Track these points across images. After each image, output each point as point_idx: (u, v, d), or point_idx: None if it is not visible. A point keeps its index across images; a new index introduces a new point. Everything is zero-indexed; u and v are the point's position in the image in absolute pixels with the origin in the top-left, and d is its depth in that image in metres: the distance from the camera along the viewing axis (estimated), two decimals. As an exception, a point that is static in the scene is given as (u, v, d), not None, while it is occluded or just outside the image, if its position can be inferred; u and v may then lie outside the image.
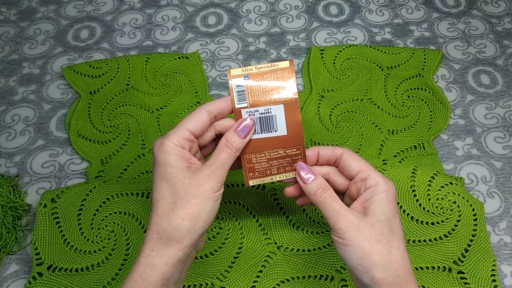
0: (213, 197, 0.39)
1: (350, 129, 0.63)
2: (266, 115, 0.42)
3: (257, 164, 0.43)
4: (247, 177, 0.43)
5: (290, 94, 0.41)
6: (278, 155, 0.42)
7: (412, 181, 0.54)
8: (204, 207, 0.39)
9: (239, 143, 0.41)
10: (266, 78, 0.41)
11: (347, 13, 0.78)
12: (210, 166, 0.40)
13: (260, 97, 0.41)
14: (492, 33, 0.74)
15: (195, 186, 0.39)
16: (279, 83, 0.41)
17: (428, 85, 0.67)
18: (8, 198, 0.56)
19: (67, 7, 0.80)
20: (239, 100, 0.42)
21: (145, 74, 0.69)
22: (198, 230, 0.39)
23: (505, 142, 0.62)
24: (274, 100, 0.41)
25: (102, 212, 0.54)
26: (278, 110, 0.41)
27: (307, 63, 0.70)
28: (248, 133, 0.42)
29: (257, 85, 0.41)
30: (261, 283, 0.50)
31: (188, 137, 0.40)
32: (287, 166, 0.43)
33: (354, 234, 0.38)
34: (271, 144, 0.42)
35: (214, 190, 0.39)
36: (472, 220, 0.52)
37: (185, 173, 0.39)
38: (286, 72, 0.41)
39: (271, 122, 0.42)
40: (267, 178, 0.43)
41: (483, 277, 0.50)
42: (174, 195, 0.38)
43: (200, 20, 0.78)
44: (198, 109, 0.41)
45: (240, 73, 0.42)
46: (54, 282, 0.51)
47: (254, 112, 0.42)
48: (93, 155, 0.61)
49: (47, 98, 0.68)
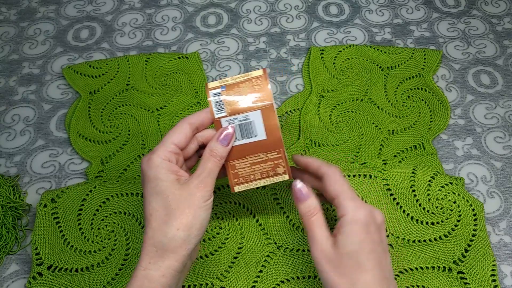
0: (204, 205, 0.40)
1: (350, 129, 0.63)
2: (245, 122, 0.44)
3: (241, 170, 0.45)
4: (232, 183, 0.45)
5: (265, 100, 0.43)
6: (260, 159, 0.44)
7: (412, 181, 0.54)
8: (197, 216, 0.40)
9: (223, 151, 0.43)
10: (242, 87, 0.43)
11: (347, 13, 0.78)
12: (198, 176, 0.41)
13: (238, 105, 0.43)
14: (492, 33, 0.74)
15: (186, 197, 0.40)
16: (255, 90, 0.43)
17: (428, 85, 0.67)
18: (8, 198, 0.56)
19: (67, 7, 0.80)
20: (218, 110, 0.44)
21: (145, 74, 0.69)
22: (193, 239, 0.40)
23: (505, 142, 0.62)
24: (251, 107, 0.43)
25: (102, 212, 0.54)
26: (256, 116, 0.43)
27: (307, 63, 0.70)
28: (230, 140, 0.43)
29: (234, 94, 0.44)
30: (261, 283, 0.50)
31: (174, 150, 0.42)
32: (270, 171, 0.44)
33: (324, 266, 0.40)
34: (252, 149, 0.44)
35: (205, 199, 0.41)
36: (472, 220, 0.52)
37: (175, 185, 0.40)
38: (261, 79, 0.43)
39: (250, 128, 0.44)
40: (251, 184, 0.45)
41: (483, 277, 0.50)
42: (167, 208, 0.40)
43: (200, 20, 0.78)
44: (180, 123, 0.43)
45: (217, 85, 0.44)
46: (54, 282, 0.51)
47: (233, 120, 0.44)
48: (93, 155, 0.61)
49: (47, 98, 0.68)
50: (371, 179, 0.54)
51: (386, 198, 0.54)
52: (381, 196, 0.54)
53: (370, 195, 0.54)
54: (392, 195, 0.54)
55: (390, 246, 0.52)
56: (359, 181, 0.54)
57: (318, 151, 0.61)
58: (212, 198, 0.42)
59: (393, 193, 0.54)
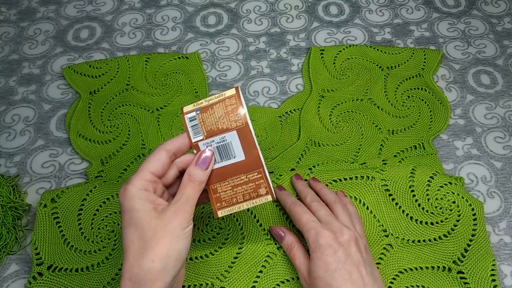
0: (182, 234, 0.39)
1: (350, 129, 0.63)
2: (222, 143, 0.43)
3: (223, 193, 0.44)
4: (215, 208, 0.44)
5: (240, 119, 0.42)
6: (241, 181, 0.43)
7: (411, 181, 0.54)
8: (173, 246, 0.38)
9: (202, 175, 0.42)
10: (216, 108, 0.43)
11: (347, 13, 0.78)
12: (175, 203, 0.40)
13: (213, 127, 0.43)
14: (492, 33, 0.74)
15: (162, 226, 0.38)
16: (228, 110, 0.42)
17: (428, 85, 0.67)
18: (8, 198, 0.56)
19: (67, 7, 0.81)
20: (194, 134, 0.43)
21: (145, 74, 0.69)
22: (171, 271, 0.38)
23: (505, 142, 0.62)
24: (227, 128, 0.42)
25: (102, 212, 0.54)
26: (232, 137, 0.43)
27: (307, 63, 0.70)
28: (208, 164, 0.43)
29: (209, 117, 0.43)
30: (261, 283, 0.50)
31: (150, 179, 0.41)
32: (252, 193, 0.44)
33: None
34: (232, 171, 0.43)
35: (183, 227, 0.39)
36: (472, 220, 0.52)
37: (151, 215, 0.39)
38: (234, 99, 0.42)
39: (228, 149, 0.43)
40: (234, 207, 0.44)
41: (482, 277, 0.50)
42: (142, 239, 0.38)
43: (200, 20, 0.78)
44: (157, 150, 0.42)
45: (191, 108, 0.43)
46: (54, 282, 0.51)
47: (211, 143, 0.43)
48: (93, 155, 0.61)
49: (47, 98, 0.68)
50: (369, 180, 0.54)
51: (385, 198, 0.54)
52: (379, 197, 0.54)
53: (368, 196, 0.54)
54: (391, 195, 0.54)
55: (390, 246, 0.52)
56: (357, 183, 0.54)
57: (318, 151, 0.61)
58: (191, 226, 0.40)
59: (392, 194, 0.54)
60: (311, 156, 0.61)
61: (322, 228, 0.46)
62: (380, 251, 0.52)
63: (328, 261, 0.44)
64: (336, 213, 0.49)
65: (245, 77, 0.70)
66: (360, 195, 0.54)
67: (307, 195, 0.51)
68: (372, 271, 0.45)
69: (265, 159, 0.60)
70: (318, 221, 0.47)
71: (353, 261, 0.44)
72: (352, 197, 0.54)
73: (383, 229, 0.52)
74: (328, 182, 0.55)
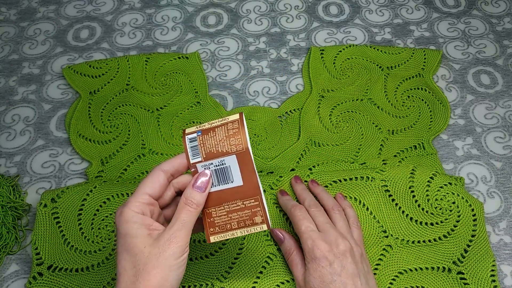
0: (175, 264, 0.38)
1: (350, 129, 0.63)
2: (221, 167, 0.42)
3: (217, 218, 0.43)
4: (208, 233, 0.43)
5: (241, 144, 0.41)
6: (237, 207, 0.42)
7: (411, 181, 0.54)
8: (165, 277, 0.37)
9: (199, 198, 0.40)
10: (218, 131, 0.42)
11: (347, 13, 0.78)
12: (170, 229, 0.38)
13: (213, 149, 0.42)
14: (492, 33, 0.74)
15: (155, 254, 0.37)
16: (230, 134, 0.41)
17: (428, 85, 0.67)
18: (8, 198, 0.56)
19: (67, 7, 0.80)
20: (193, 155, 0.42)
21: (145, 74, 0.69)
22: None
23: (505, 142, 0.62)
24: (227, 152, 0.41)
25: (103, 212, 0.54)
26: (232, 161, 0.42)
27: (307, 63, 0.70)
28: (206, 186, 0.41)
29: (210, 139, 0.42)
30: (261, 284, 0.50)
31: (147, 201, 0.40)
32: (247, 220, 0.42)
33: None
34: (229, 196, 0.42)
35: (176, 257, 0.38)
36: (472, 220, 0.52)
37: (145, 241, 0.38)
38: (236, 123, 0.41)
39: (226, 173, 0.42)
40: (228, 234, 0.42)
41: (482, 278, 0.50)
42: (135, 267, 0.37)
43: (200, 20, 0.78)
44: (154, 171, 0.41)
45: (193, 130, 0.42)
46: (54, 282, 0.51)
47: (209, 165, 0.42)
48: (93, 155, 0.61)
49: (47, 98, 0.68)
50: (369, 180, 0.54)
51: (384, 199, 0.54)
52: (379, 198, 0.54)
53: (368, 197, 0.54)
54: (390, 196, 0.54)
55: (390, 246, 0.52)
56: (357, 183, 0.54)
57: (318, 151, 0.61)
58: (185, 254, 0.39)
59: (391, 194, 0.54)
60: (311, 156, 0.61)
61: (318, 239, 0.46)
62: (380, 252, 0.52)
63: (323, 273, 0.44)
64: (333, 220, 0.49)
65: (245, 77, 0.70)
66: (360, 195, 0.54)
67: (305, 199, 0.52)
68: (367, 281, 0.45)
69: (265, 159, 0.60)
70: (316, 229, 0.47)
71: (348, 273, 0.44)
72: (352, 197, 0.54)
73: (382, 230, 0.52)
74: (328, 183, 0.55)
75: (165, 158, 0.61)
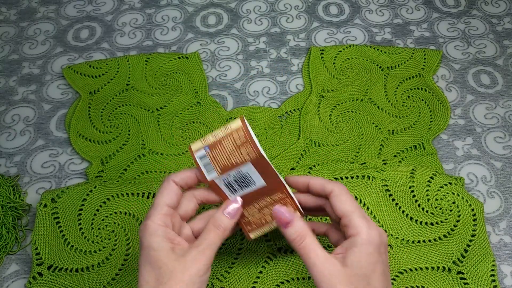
0: (199, 281, 0.38)
1: (350, 129, 0.63)
2: (240, 175, 0.42)
3: (251, 216, 0.44)
4: (246, 231, 0.45)
5: (252, 151, 0.40)
6: (267, 202, 0.43)
7: (411, 181, 0.54)
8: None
9: (228, 223, 0.41)
10: (225, 143, 0.41)
11: (347, 13, 0.78)
12: (197, 247, 0.39)
13: (227, 163, 0.41)
14: (492, 33, 0.74)
15: (180, 270, 0.37)
16: (237, 144, 0.41)
17: (428, 85, 0.67)
18: (8, 198, 0.56)
19: (67, 7, 0.80)
20: (208, 172, 0.42)
21: (145, 74, 0.69)
22: None
23: (505, 142, 0.62)
24: (241, 162, 0.41)
25: (103, 212, 0.54)
26: (249, 168, 0.41)
27: (307, 63, 0.70)
28: (236, 213, 0.42)
29: (219, 153, 0.41)
30: (261, 284, 0.50)
31: (168, 212, 0.40)
32: None
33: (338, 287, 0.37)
34: (256, 196, 0.43)
35: (200, 274, 0.38)
36: (472, 220, 0.52)
37: (169, 255, 0.38)
38: (241, 131, 0.40)
39: (247, 179, 0.42)
40: (265, 228, 0.44)
41: (482, 277, 0.50)
42: (158, 280, 0.37)
43: (200, 20, 0.78)
44: (166, 182, 0.41)
45: (200, 145, 0.42)
46: (54, 282, 0.51)
47: (227, 177, 0.42)
48: (93, 155, 0.61)
49: (47, 98, 0.68)
50: (370, 180, 0.54)
51: (385, 199, 0.54)
52: (379, 197, 0.54)
53: (368, 196, 0.54)
54: (391, 195, 0.54)
55: (390, 246, 0.52)
56: (357, 182, 0.54)
57: (318, 151, 0.61)
58: (209, 273, 0.39)
59: (392, 194, 0.54)
60: (311, 156, 0.61)
61: (373, 222, 0.40)
62: (380, 251, 0.52)
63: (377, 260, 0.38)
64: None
65: (245, 77, 0.70)
66: (360, 194, 0.54)
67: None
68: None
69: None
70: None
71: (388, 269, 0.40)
72: (353, 196, 0.54)
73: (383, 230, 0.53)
74: (328, 182, 0.55)
75: (165, 158, 0.61)
